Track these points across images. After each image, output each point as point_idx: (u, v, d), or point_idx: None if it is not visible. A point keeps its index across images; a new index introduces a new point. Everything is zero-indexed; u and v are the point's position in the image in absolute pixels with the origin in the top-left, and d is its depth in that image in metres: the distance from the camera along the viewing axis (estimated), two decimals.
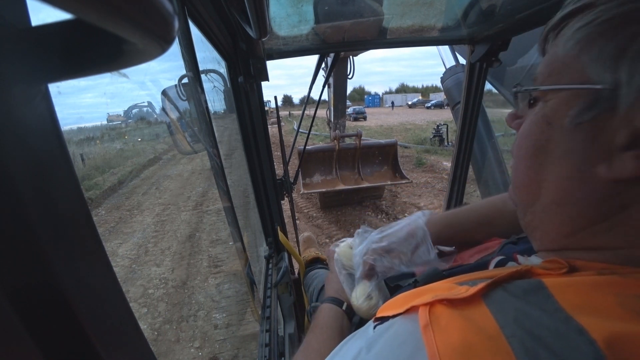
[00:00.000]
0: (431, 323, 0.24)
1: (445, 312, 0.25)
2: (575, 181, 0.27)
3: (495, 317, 0.23)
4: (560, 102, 0.28)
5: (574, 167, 0.27)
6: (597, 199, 0.26)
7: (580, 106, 0.26)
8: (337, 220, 4.96)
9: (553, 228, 0.30)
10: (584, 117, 0.25)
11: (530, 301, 0.23)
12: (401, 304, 0.29)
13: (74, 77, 0.17)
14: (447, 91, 1.62)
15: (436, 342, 0.23)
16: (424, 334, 0.24)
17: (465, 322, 0.23)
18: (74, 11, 0.11)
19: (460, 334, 0.23)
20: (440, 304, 0.26)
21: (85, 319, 0.17)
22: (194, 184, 6.28)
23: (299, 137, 1.61)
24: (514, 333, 0.21)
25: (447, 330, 0.23)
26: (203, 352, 2.28)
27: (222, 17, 0.72)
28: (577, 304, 0.22)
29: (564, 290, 0.23)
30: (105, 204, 4.94)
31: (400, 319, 0.28)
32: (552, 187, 0.29)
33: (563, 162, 0.28)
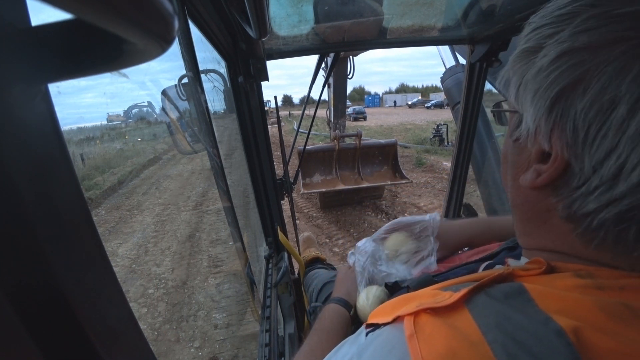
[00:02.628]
0: (416, 332, 0.25)
1: (429, 320, 0.26)
2: (514, 188, 0.32)
3: (478, 322, 0.23)
4: (510, 121, 0.33)
5: (512, 176, 0.32)
6: (529, 206, 0.30)
7: (513, 126, 0.31)
8: (337, 220, 4.96)
9: (516, 226, 0.34)
10: (515, 134, 0.30)
11: (511, 305, 0.24)
12: (389, 312, 0.30)
13: (74, 77, 0.17)
14: (447, 91, 1.62)
15: (421, 351, 0.23)
16: (409, 344, 0.25)
17: (449, 330, 0.24)
18: (74, 11, 0.11)
19: (444, 342, 0.23)
20: (425, 313, 0.26)
21: (85, 319, 0.17)
22: (194, 184, 6.28)
23: (299, 137, 1.61)
24: (496, 338, 0.22)
25: (431, 338, 0.24)
26: (203, 352, 2.27)
27: (222, 17, 0.72)
28: (556, 307, 0.23)
29: (544, 294, 0.24)
30: (105, 204, 4.94)
31: (389, 328, 0.29)
32: (508, 192, 0.34)
33: (509, 171, 0.33)
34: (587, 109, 0.23)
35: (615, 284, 0.24)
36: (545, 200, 0.28)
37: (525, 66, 0.27)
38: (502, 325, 0.22)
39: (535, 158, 0.28)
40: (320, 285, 1.04)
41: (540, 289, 0.24)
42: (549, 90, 0.25)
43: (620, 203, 0.22)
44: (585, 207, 0.24)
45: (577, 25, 0.24)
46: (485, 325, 0.23)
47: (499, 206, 1.43)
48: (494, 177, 1.45)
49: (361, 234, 4.37)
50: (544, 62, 0.25)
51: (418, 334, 0.25)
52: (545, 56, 0.25)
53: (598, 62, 0.22)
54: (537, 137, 0.27)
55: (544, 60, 0.25)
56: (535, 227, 0.30)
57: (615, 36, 0.22)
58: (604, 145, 0.22)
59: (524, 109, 0.27)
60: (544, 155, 0.27)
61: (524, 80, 0.27)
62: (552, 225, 0.28)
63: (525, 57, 0.28)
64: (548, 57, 0.25)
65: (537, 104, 0.26)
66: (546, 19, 0.27)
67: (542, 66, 0.25)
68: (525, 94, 0.27)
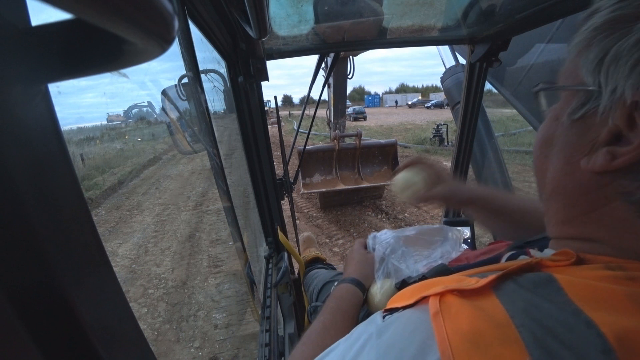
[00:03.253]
0: (441, 311, 0.25)
1: (455, 301, 0.25)
2: (565, 173, 0.30)
3: (505, 307, 0.23)
4: (564, 100, 0.30)
5: (565, 159, 0.30)
6: (583, 191, 0.28)
7: (575, 104, 0.28)
8: (337, 220, 4.96)
9: (553, 215, 0.33)
10: (577, 114, 0.28)
11: (540, 294, 0.23)
12: (410, 295, 0.29)
13: (74, 77, 0.17)
14: (447, 91, 1.62)
15: (446, 329, 0.23)
16: (434, 321, 0.24)
17: (475, 311, 0.24)
18: (74, 11, 0.11)
19: (470, 321, 0.23)
20: (451, 294, 0.26)
21: (85, 319, 0.17)
22: (194, 184, 6.28)
23: (298, 137, 1.61)
24: (524, 323, 0.21)
25: (457, 317, 0.24)
26: (203, 352, 2.28)
27: (222, 17, 0.72)
28: (586, 297, 0.22)
29: (574, 284, 0.23)
30: (105, 204, 4.94)
31: (411, 310, 0.28)
32: (551, 177, 0.32)
33: (560, 154, 0.30)
34: None
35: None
36: (610, 185, 0.26)
37: (614, 36, 0.25)
38: (530, 312, 0.22)
39: (606, 139, 0.26)
40: (320, 285, 1.04)
41: (570, 279, 0.24)
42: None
43: None
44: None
45: None
46: (513, 310, 0.23)
47: None
48: (494, 177, 1.45)
49: (361, 234, 4.37)
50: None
51: (444, 312, 0.24)
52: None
53: None
54: (618, 114, 0.25)
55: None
56: (583, 214, 0.29)
57: None
58: None
59: (609, 83, 0.25)
60: (618, 137, 0.25)
61: (614, 51, 0.25)
62: (609, 211, 0.27)
63: (612, 27, 0.25)
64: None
65: (639, 75, 0.23)
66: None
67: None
68: (619, 66, 0.24)
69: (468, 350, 0.21)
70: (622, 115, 0.25)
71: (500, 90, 1.41)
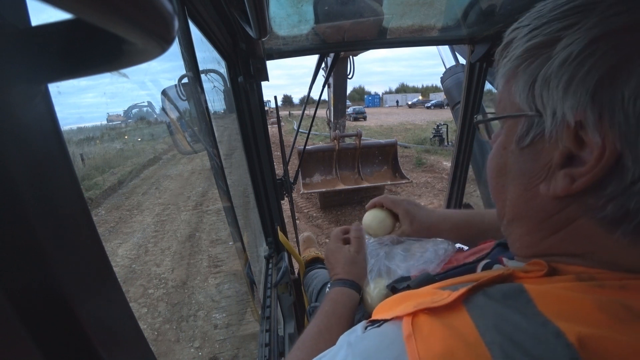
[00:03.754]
0: (414, 332, 0.25)
1: (427, 321, 0.25)
2: (525, 200, 0.30)
3: (476, 323, 0.23)
4: (509, 129, 0.31)
5: (523, 186, 0.30)
6: (546, 215, 0.28)
7: (520, 132, 0.29)
8: (337, 220, 4.96)
9: (517, 239, 0.33)
10: (525, 141, 0.28)
11: (510, 305, 0.24)
12: (388, 309, 0.30)
13: (74, 77, 0.17)
14: (447, 91, 1.62)
15: (418, 351, 0.23)
16: (407, 343, 0.25)
17: (446, 330, 0.24)
18: (74, 11, 0.11)
19: (441, 342, 0.23)
20: (422, 313, 0.26)
21: (85, 319, 0.17)
22: (194, 184, 6.28)
23: (298, 137, 1.61)
24: (494, 339, 0.22)
25: (429, 339, 0.24)
26: (203, 352, 2.28)
27: (222, 17, 0.72)
28: (555, 308, 0.22)
29: (544, 295, 0.24)
30: (105, 203, 4.94)
31: (388, 324, 0.29)
32: (510, 205, 0.32)
33: (515, 182, 0.31)
34: (636, 93, 0.22)
35: (616, 283, 0.23)
36: (572, 205, 0.26)
37: (537, 62, 0.26)
38: (500, 327, 0.22)
39: (560, 162, 0.26)
40: (320, 285, 1.04)
41: (540, 290, 0.24)
42: (588, 77, 0.23)
43: None
44: (634, 204, 0.23)
45: (603, 11, 0.23)
46: (484, 326, 0.23)
47: None
48: None
49: None
50: (571, 51, 0.24)
51: (416, 334, 0.25)
52: (569, 46, 0.24)
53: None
54: (565, 136, 0.25)
55: (571, 50, 0.24)
56: (548, 236, 0.29)
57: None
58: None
59: (547, 107, 0.26)
60: (571, 157, 0.25)
61: (542, 76, 0.26)
62: (575, 229, 0.27)
63: (532, 55, 0.27)
64: (576, 46, 0.24)
65: (574, 95, 0.24)
66: (550, 15, 0.26)
67: (568, 56, 0.24)
68: (551, 89, 0.25)
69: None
70: (568, 136, 0.25)
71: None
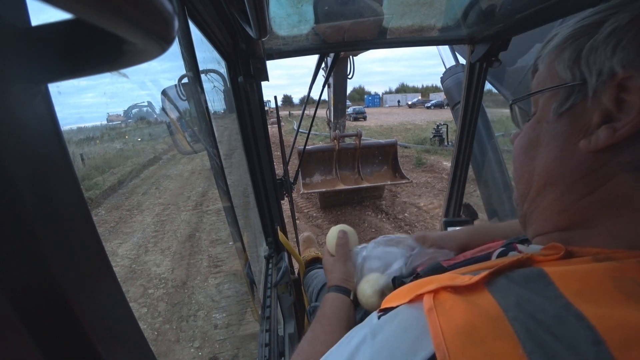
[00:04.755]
0: (435, 307, 0.25)
1: (449, 297, 0.26)
2: (561, 159, 0.31)
3: (498, 301, 0.24)
4: (545, 102, 0.33)
5: (559, 148, 0.31)
6: (583, 172, 0.29)
7: (560, 100, 0.31)
8: (337, 220, 4.96)
9: (547, 207, 0.33)
10: (564, 107, 0.30)
11: (531, 288, 0.24)
12: (405, 294, 0.29)
13: (74, 77, 0.17)
14: (447, 91, 1.62)
15: (440, 324, 0.24)
16: (429, 317, 0.25)
17: (469, 306, 0.24)
18: (74, 11, 0.11)
19: (464, 315, 0.23)
20: (445, 291, 0.26)
21: (85, 319, 0.17)
22: (194, 184, 6.28)
23: (299, 137, 1.61)
24: (516, 316, 0.22)
25: (452, 312, 0.24)
26: (203, 352, 2.27)
27: (222, 17, 0.72)
28: (576, 290, 0.23)
29: (564, 277, 0.24)
30: (105, 203, 4.94)
31: (405, 307, 0.29)
32: (542, 172, 0.33)
33: (550, 146, 0.32)
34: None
35: (633, 261, 0.24)
36: (611, 161, 0.27)
37: (584, 38, 0.29)
38: (522, 306, 0.22)
39: (600, 120, 0.27)
40: (320, 285, 1.04)
41: (560, 273, 0.24)
42: (636, 39, 0.25)
43: None
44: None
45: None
46: (506, 304, 0.23)
47: (498, 206, 1.43)
48: (494, 177, 1.45)
49: (361, 234, 4.37)
50: (618, 24, 0.27)
51: (437, 308, 0.25)
52: (616, 22, 0.27)
53: None
54: (608, 95, 0.27)
55: (617, 23, 0.27)
56: (581, 198, 0.29)
57: None
58: None
59: (593, 70, 0.28)
60: (610, 117, 0.27)
61: (590, 46, 0.28)
62: (609, 189, 0.28)
63: (579, 33, 0.29)
64: (622, 20, 0.26)
65: (623, 51, 0.26)
66: (591, 12, 0.30)
67: (616, 27, 0.27)
68: (599, 52, 0.27)
69: (463, 343, 0.22)
70: (611, 96, 0.27)
71: (500, 90, 1.41)
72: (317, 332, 0.52)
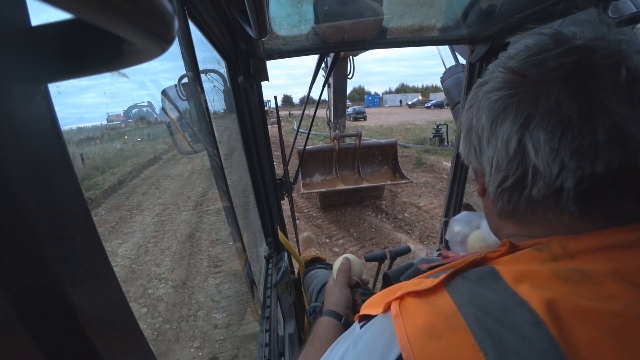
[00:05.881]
0: (401, 312, 0.29)
1: (412, 301, 0.29)
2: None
3: (454, 300, 0.27)
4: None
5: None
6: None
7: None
8: (337, 220, 4.96)
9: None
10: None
11: (484, 284, 0.27)
12: (378, 303, 0.33)
13: (74, 77, 0.17)
14: (447, 91, 1.62)
15: (405, 327, 0.27)
16: (395, 322, 0.28)
17: (429, 307, 0.27)
18: (74, 11, 0.11)
19: (424, 316, 0.27)
20: (409, 296, 0.30)
21: (85, 319, 0.17)
22: (194, 184, 6.28)
23: (298, 137, 1.61)
24: (469, 311, 0.25)
25: (414, 315, 0.27)
26: (203, 352, 2.27)
27: (222, 17, 0.72)
28: (520, 281, 0.26)
29: (511, 272, 0.27)
30: (105, 203, 4.94)
31: (380, 317, 0.32)
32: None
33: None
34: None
35: (566, 253, 0.27)
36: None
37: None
38: (474, 300, 0.25)
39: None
40: (320, 285, 1.04)
41: (508, 268, 0.28)
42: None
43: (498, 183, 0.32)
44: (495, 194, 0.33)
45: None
46: (460, 301, 0.26)
47: None
48: None
49: (361, 234, 4.37)
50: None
51: (403, 313, 0.28)
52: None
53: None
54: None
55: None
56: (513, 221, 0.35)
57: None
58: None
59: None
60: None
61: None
62: (525, 217, 0.33)
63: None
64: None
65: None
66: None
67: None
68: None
69: (424, 341, 0.25)
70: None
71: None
72: (308, 353, 0.56)
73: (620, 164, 0.25)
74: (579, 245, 0.27)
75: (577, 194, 0.27)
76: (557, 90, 0.26)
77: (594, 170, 0.25)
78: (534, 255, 0.28)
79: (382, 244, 4.03)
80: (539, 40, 0.29)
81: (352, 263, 0.78)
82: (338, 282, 0.73)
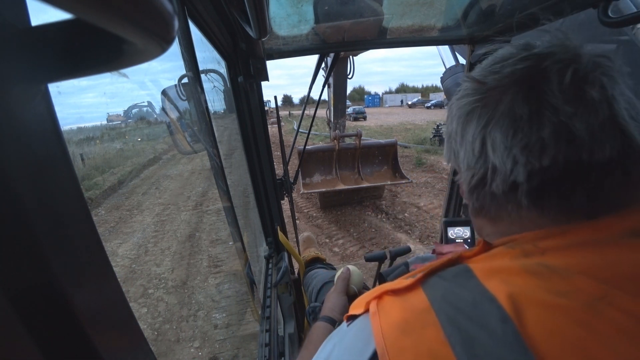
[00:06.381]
0: (378, 310, 0.30)
1: (389, 300, 0.30)
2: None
3: (428, 297, 0.28)
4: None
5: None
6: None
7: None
8: (337, 220, 4.96)
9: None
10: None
11: (457, 282, 0.28)
12: (362, 303, 0.34)
13: (74, 77, 0.17)
14: (447, 91, 1.62)
15: (381, 324, 0.28)
16: (372, 320, 0.29)
17: (404, 304, 0.29)
18: (74, 11, 0.11)
19: (399, 313, 0.28)
20: (386, 295, 0.31)
21: (85, 319, 0.17)
22: (194, 184, 6.28)
23: (298, 137, 1.61)
24: (441, 307, 0.26)
25: (390, 313, 0.29)
26: (203, 352, 2.27)
27: (222, 17, 0.72)
28: (491, 277, 0.27)
29: (483, 270, 0.28)
30: (105, 203, 4.94)
31: (363, 316, 0.33)
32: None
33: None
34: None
35: (537, 249, 0.28)
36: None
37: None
38: (446, 297, 0.27)
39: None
40: (319, 285, 1.04)
41: (481, 266, 0.29)
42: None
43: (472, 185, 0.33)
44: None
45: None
46: (434, 298, 0.27)
47: None
48: None
49: (361, 234, 4.37)
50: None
51: (380, 311, 0.30)
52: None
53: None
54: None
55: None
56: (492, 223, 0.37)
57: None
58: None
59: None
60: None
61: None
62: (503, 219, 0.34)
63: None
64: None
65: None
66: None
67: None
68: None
69: (397, 337, 0.26)
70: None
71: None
72: (304, 357, 0.58)
73: (567, 159, 0.27)
74: (549, 242, 0.28)
75: (530, 189, 0.29)
76: (511, 93, 0.29)
77: (541, 165, 0.27)
78: (506, 252, 0.29)
79: (382, 244, 4.03)
80: (506, 51, 0.32)
81: (352, 273, 0.81)
82: (336, 289, 0.77)
